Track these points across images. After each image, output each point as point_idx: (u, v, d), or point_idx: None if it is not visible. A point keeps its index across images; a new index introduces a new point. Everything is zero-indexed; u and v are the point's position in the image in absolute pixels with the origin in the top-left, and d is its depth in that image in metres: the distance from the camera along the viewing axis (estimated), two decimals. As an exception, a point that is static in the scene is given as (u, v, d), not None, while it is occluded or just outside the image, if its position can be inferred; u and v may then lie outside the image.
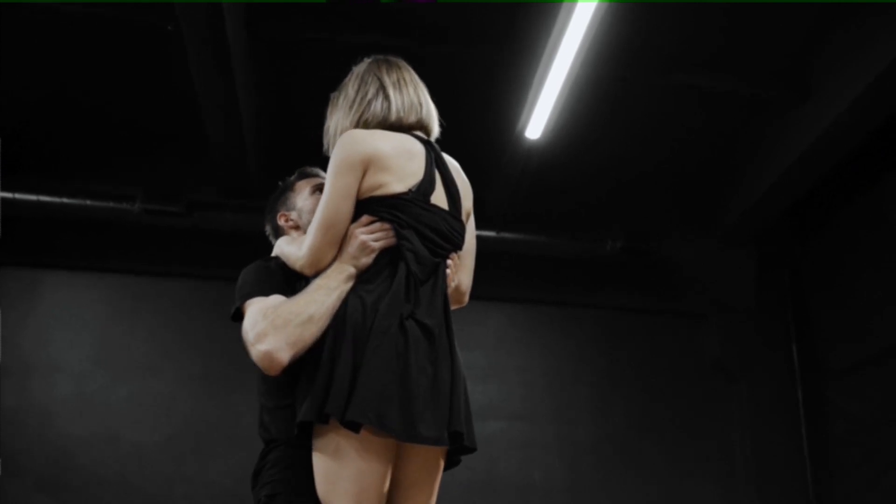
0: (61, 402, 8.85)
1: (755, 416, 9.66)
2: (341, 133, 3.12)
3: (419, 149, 3.10)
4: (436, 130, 3.25)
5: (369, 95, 3.15)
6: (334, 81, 8.26)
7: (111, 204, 8.66)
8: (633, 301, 9.80)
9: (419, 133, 3.17)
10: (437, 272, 3.04)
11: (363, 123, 3.13)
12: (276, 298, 3.07)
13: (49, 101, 8.44)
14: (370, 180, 2.99)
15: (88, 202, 8.63)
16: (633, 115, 8.53)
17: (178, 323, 9.33)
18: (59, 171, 9.00)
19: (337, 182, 3.00)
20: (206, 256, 9.21)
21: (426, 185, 3.05)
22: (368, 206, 3.01)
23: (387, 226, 2.98)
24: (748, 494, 9.44)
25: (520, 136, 7.80)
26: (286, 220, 3.61)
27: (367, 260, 2.98)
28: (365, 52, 7.68)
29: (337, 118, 3.22)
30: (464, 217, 3.21)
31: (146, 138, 8.98)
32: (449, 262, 3.12)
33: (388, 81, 3.18)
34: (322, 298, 2.93)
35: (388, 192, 2.99)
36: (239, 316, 3.17)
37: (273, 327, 2.90)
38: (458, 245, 3.15)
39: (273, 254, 3.46)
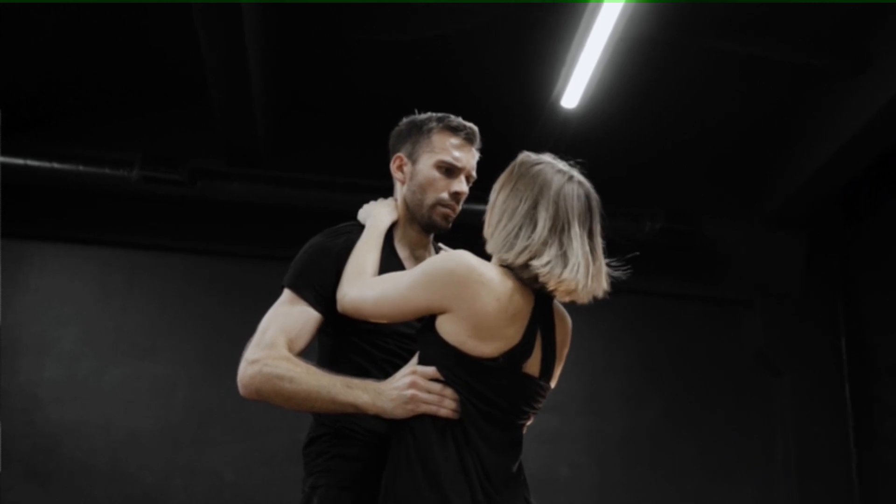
0: (51, 385, 8.89)
1: (799, 412, 9.67)
2: (490, 245, 3.00)
3: (527, 305, 2.91)
4: (564, 289, 2.90)
5: (514, 228, 2.92)
6: (350, 43, 8.22)
7: (106, 170, 8.62)
8: (670, 285, 9.79)
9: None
10: (513, 447, 2.96)
11: (493, 253, 2.97)
12: (297, 319, 3.14)
13: (40, 58, 8.39)
14: (456, 327, 2.84)
15: (81, 168, 8.59)
16: (676, 86, 8.53)
17: (178, 301, 9.36)
18: (50, 133, 8.97)
19: (415, 292, 2.92)
20: (210, 229, 9.25)
21: (521, 353, 2.88)
22: (447, 356, 2.87)
23: (450, 393, 2.85)
24: (790, 496, 9.48)
25: (555, 105, 7.76)
26: (399, 167, 3.52)
27: (401, 413, 2.88)
28: (384, 13, 7.66)
29: (490, 226, 3.03)
30: (556, 371, 3.10)
31: (146, 100, 8.95)
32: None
33: (544, 225, 2.89)
34: (318, 395, 2.96)
35: (472, 353, 2.84)
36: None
37: (261, 372, 3.01)
38: (537, 410, 3.03)
39: (360, 214, 3.52)
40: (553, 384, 3.09)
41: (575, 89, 7.52)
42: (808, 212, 9.51)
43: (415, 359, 2.99)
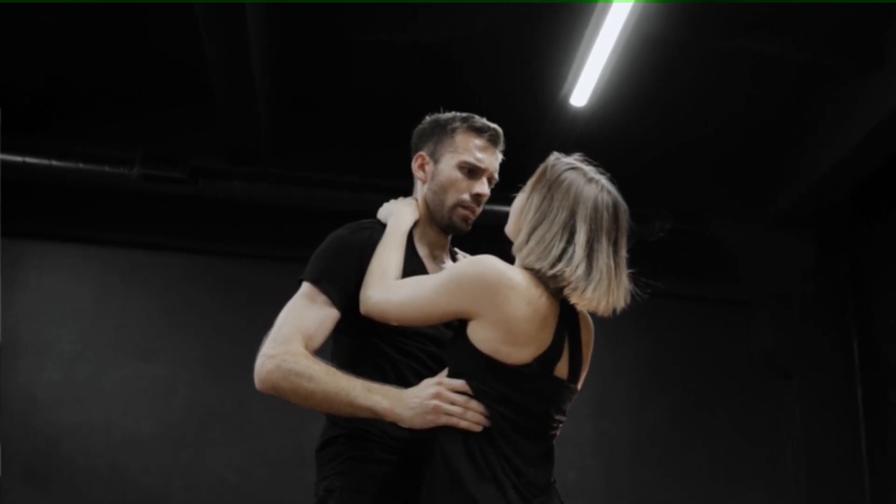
0: (49, 386, 8.86)
1: (809, 416, 9.67)
2: (518, 249, 3.03)
3: (554, 308, 2.93)
4: (585, 304, 2.94)
5: (551, 238, 2.93)
6: (353, 43, 8.18)
7: (106, 168, 8.54)
8: (677, 286, 9.70)
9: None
10: (546, 458, 2.98)
11: (523, 259, 2.98)
12: (315, 316, 3.12)
13: (41, 55, 8.38)
14: (489, 334, 2.85)
15: (81, 165, 8.52)
16: (685, 85, 8.51)
17: (179, 301, 9.35)
18: (49, 130, 8.95)
19: (443, 297, 2.94)
20: (211, 229, 9.25)
21: (552, 356, 2.90)
22: (480, 366, 2.87)
23: (475, 406, 2.85)
24: (799, 501, 9.48)
25: (564, 103, 7.75)
26: (420, 166, 3.52)
27: (419, 423, 2.90)
28: (388, 13, 7.64)
29: (521, 231, 3.04)
30: (583, 374, 3.13)
31: (147, 98, 8.92)
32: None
33: (580, 237, 2.92)
34: (336, 397, 2.96)
35: (506, 361, 2.84)
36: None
37: (279, 367, 3.00)
38: (565, 416, 3.07)
39: (380, 212, 3.52)
40: (579, 387, 3.11)
41: (584, 88, 7.51)
42: (819, 213, 9.50)
43: (445, 372, 2.99)
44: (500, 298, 2.82)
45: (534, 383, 2.87)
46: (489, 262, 2.90)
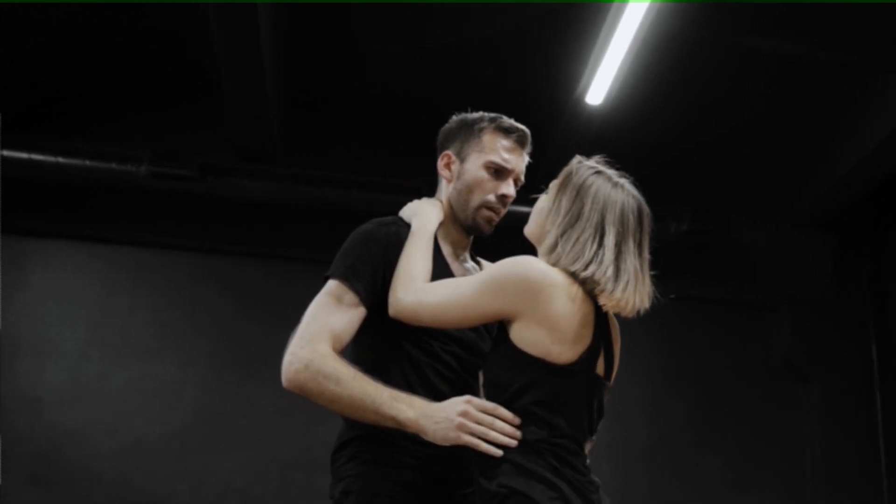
0: (53, 388, 8.83)
1: (828, 421, 9.64)
2: (547, 252, 3.05)
3: (591, 306, 2.96)
4: (613, 305, 2.97)
5: (585, 241, 2.99)
6: (364, 42, 8.16)
7: (114, 165, 8.56)
8: (694, 289, 9.69)
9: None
10: (588, 467, 3.00)
11: (555, 261, 3.00)
12: (342, 315, 3.13)
13: (48, 51, 8.35)
14: (537, 335, 2.89)
15: (88, 163, 8.54)
16: (703, 84, 8.48)
17: (186, 301, 9.32)
18: (56, 126, 8.94)
19: (484, 298, 2.97)
20: (220, 227, 9.23)
21: (594, 354, 2.95)
22: (534, 371, 2.90)
23: (500, 427, 2.86)
24: (817, 507, 9.36)
25: (579, 101, 7.72)
26: (446, 165, 3.52)
27: (441, 439, 2.91)
28: (401, 14, 7.61)
29: (549, 233, 3.08)
30: (614, 371, 3.15)
31: (156, 95, 8.89)
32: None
33: (609, 239, 2.98)
34: (361, 403, 2.97)
35: (557, 361, 2.89)
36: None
37: (307, 368, 3.01)
38: (602, 418, 3.11)
39: (403, 211, 3.50)
40: (611, 384, 3.13)
41: (600, 86, 7.50)
42: (838, 214, 9.47)
43: (482, 399, 2.98)
44: (544, 297, 2.87)
45: (581, 381, 2.93)
46: (531, 262, 2.96)
